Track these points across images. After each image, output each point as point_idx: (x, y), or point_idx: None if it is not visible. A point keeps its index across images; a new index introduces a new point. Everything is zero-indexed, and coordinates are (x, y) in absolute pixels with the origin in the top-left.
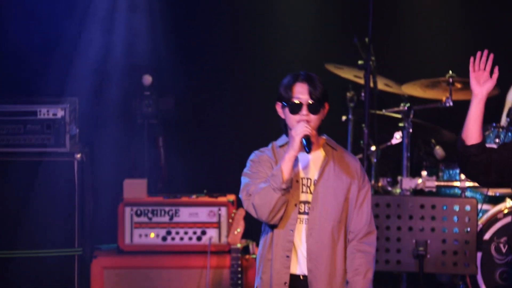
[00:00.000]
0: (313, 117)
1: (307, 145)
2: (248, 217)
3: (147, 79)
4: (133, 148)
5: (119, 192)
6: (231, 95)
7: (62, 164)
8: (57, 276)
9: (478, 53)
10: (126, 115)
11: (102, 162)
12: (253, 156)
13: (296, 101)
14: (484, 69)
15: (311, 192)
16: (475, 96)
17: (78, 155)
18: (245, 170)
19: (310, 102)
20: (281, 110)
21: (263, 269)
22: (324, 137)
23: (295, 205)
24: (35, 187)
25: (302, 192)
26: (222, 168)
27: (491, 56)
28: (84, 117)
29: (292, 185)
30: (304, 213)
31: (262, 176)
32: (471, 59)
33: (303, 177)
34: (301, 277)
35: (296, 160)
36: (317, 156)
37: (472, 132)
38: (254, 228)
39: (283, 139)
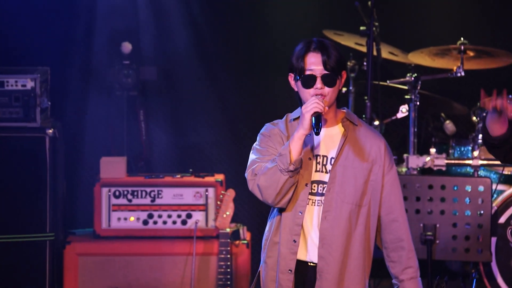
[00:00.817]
0: (328, 90)
1: (316, 125)
2: (238, 199)
3: (127, 47)
4: (111, 122)
5: (95, 171)
6: (221, 65)
7: (32, 140)
8: (27, 264)
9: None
10: (104, 86)
11: (77, 139)
12: (264, 129)
13: (309, 73)
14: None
15: (327, 172)
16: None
17: (50, 131)
18: (254, 145)
19: (325, 73)
20: (293, 82)
21: (269, 253)
22: (344, 110)
23: (306, 185)
24: (1, 166)
25: (317, 171)
26: (209, 145)
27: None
28: (56, 88)
29: (301, 165)
30: (317, 193)
31: (272, 153)
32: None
33: (318, 155)
34: (309, 263)
35: (311, 135)
36: (335, 132)
37: (496, 129)
38: (244, 211)
39: (297, 111)
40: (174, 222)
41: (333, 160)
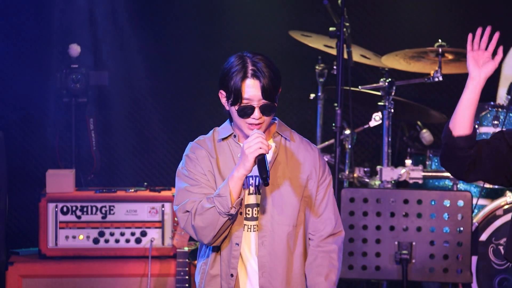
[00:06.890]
0: (266, 119)
1: (263, 171)
2: None
3: (75, 49)
4: (58, 132)
5: (41, 185)
6: (177, 71)
7: None
8: None
9: (479, 30)
10: (49, 92)
11: (20, 150)
12: (189, 151)
13: (247, 104)
14: (486, 48)
15: (260, 193)
16: (471, 79)
17: None
18: (180, 168)
19: (264, 103)
20: (225, 101)
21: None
22: (276, 122)
23: (240, 213)
24: None
25: (250, 193)
26: (165, 157)
27: (496, 34)
28: None
29: (241, 206)
30: (252, 218)
31: (202, 182)
32: (470, 36)
33: (250, 175)
34: None
35: (240, 158)
36: None
37: (461, 121)
38: None
39: (226, 128)
40: (128, 241)
41: None
